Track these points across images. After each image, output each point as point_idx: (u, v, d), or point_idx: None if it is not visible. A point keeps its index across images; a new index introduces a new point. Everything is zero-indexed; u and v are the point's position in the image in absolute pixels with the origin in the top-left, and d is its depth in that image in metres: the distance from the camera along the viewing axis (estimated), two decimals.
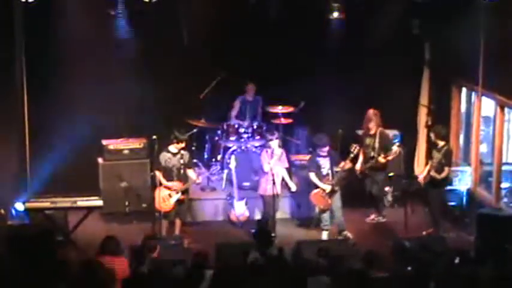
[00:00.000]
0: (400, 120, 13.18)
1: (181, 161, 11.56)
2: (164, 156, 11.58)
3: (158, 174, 11.57)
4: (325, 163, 11.89)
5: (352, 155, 11.86)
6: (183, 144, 11.58)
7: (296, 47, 13.41)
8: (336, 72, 13.54)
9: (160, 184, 11.54)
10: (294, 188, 12.22)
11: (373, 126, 12.28)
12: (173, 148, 11.58)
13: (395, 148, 12.23)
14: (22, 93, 12.63)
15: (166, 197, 11.58)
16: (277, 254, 9.30)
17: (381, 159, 12.10)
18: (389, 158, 12.16)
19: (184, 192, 11.70)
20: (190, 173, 11.75)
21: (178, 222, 11.83)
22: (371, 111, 12.35)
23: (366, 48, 13.25)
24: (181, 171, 11.60)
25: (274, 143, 11.87)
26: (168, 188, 11.54)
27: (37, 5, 11.47)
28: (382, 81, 13.34)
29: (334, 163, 11.87)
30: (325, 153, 11.83)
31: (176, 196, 11.62)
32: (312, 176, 11.90)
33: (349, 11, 13.05)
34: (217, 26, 13.15)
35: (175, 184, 11.57)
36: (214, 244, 10.52)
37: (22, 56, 12.50)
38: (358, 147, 11.95)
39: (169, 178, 11.55)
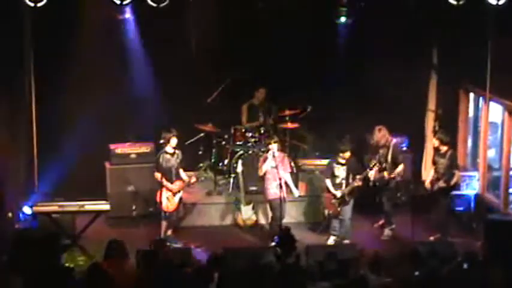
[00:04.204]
0: (407, 125, 13.15)
1: (178, 160, 11.73)
2: (164, 158, 11.72)
3: (159, 176, 11.66)
4: (340, 172, 11.90)
5: (369, 171, 11.92)
6: (175, 141, 11.68)
7: (303, 52, 13.41)
8: (343, 77, 13.55)
9: (162, 186, 11.62)
10: (296, 193, 12.23)
11: (386, 140, 12.25)
12: (169, 148, 11.74)
13: (400, 167, 12.18)
14: (30, 98, 12.67)
15: (170, 197, 11.68)
16: (293, 260, 9.22)
17: (385, 174, 12.11)
18: (392, 176, 12.16)
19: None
20: (182, 172, 11.88)
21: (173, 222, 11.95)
22: (378, 129, 12.25)
23: (373, 53, 13.24)
24: (177, 170, 11.79)
25: (274, 147, 11.86)
26: (170, 189, 11.65)
27: (46, 10, 11.49)
28: (390, 86, 13.31)
29: (352, 172, 11.87)
30: (345, 161, 11.83)
31: (179, 195, 11.78)
32: (327, 182, 11.96)
33: (357, 16, 13.04)
34: (225, 31, 13.19)
35: (177, 183, 11.72)
36: (221, 248, 10.49)
37: (31, 60, 12.54)
38: (378, 164, 12.01)
39: (168, 178, 11.67)
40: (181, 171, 11.90)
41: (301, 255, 9.42)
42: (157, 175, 11.67)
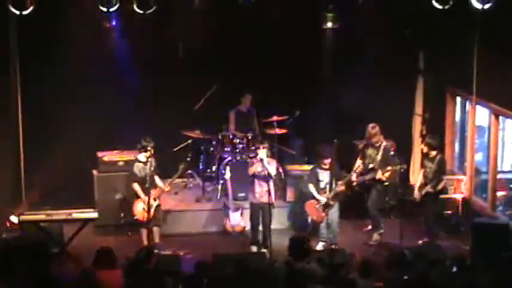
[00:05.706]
0: (394, 130, 13.18)
1: (152, 168, 11.67)
2: (138, 167, 11.70)
3: (136, 186, 11.63)
4: (324, 176, 11.90)
5: (354, 174, 11.96)
6: (151, 152, 11.64)
7: (291, 58, 13.42)
8: (331, 81, 13.58)
9: (138, 196, 11.61)
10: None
11: (378, 139, 12.25)
12: (143, 157, 11.69)
13: (395, 166, 12.17)
14: (17, 105, 12.62)
15: (145, 206, 11.60)
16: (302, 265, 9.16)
17: (379, 174, 12.09)
18: (387, 175, 12.16)
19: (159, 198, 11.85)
20: (157, 179, 11.83)
21: (156, 229, 11.87)
22: (371, 126, 12.26)
23: (360, 57, 13.28)
24: (152, 178, 11.73)
25: (262, 152, 11.84)
26: (144, 200, 11.57)
27: (32, 17, 11.47)
28: (377, 91, 13.35)
29: (335, 177, 11.87)
30: (327, 166, 11.83)
31: (155, 203, 11.72)
32: (310, 187, 11.94)
33: (344, 21, 13.08)
34: (212, 37, 13.20)
35: (152, 192, 11.66)
36: (210, 255, 10.47)
37: (17, 68, 12.50)
38: (361, 166, 11.99)
39: (143, 187, 11.60)
40: (157, 178, 11.85)
41: (311, 261, 9.35)
42: (135, 186, 11.65)
